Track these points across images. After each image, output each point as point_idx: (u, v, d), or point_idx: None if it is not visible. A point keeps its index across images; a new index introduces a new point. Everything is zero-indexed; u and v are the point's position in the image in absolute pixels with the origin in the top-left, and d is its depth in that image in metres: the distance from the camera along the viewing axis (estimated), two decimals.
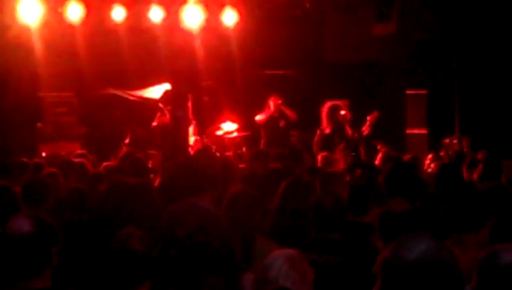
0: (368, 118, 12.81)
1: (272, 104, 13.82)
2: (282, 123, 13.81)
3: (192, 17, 13.61)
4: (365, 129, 12.62)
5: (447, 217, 4.63)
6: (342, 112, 12.91)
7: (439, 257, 2.53)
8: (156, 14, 13.67)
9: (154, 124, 13.96)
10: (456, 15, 13.51)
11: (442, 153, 12.15)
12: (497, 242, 3.41)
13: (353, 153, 12.27)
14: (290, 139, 14.03)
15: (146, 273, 3.51)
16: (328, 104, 13.14)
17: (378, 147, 11.23)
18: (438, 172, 7.44)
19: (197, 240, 2.92)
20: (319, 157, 10.61)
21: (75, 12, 13.11)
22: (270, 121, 13.79)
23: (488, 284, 2.82)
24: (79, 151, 10.70)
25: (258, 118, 13.81)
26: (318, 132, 12.94)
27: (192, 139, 13.80)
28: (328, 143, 12.69)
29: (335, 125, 12.86)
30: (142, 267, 3.51)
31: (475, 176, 7.69)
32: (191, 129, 13.92)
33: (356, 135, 12.26)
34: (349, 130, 12.85)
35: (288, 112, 13.77)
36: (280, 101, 13.80)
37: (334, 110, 13.00)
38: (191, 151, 13.13)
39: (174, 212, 3.03)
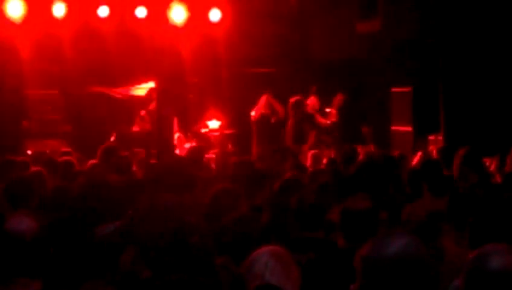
0: (334, 102, 13.13)
1: (262, 100, 14.02)
2: (273, 120, 13.94)
3: (178, 15, 13.63)
4: (332, 115, 12.89)
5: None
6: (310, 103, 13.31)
7: (416, 252, 2.57)
8: (141, 12, 13.68)
9: (136, 129, 14.04)
10: (441, 13, 13.54)
11: (430, 149, 12.20)
12: (477, 242, 3.43)
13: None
14: (281, 136, 14.12)
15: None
16: (292, 99, 13.57)
17: (359, 149, 11.27)
18: (421, 168, 7.49)
19: (169, 237, 2.95)
20: (309, 155, 10.67)
21: (60, 11, 13.11)
22: (262, 118, 13.94)
23: (476, 288, 2.78)
24: (64, 149, 10.68)
25: (252, 114, 14.10)
26: (289, 124, 13.36)
27: (175, 136, 13.82)
28: (298, 133, 13.01)
29: (302, 116, 13.17)
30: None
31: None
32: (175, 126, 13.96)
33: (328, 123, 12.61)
34: (320, 119, 13.15)
35: (278, 107, 13.94)
36: (270, 97, 14.05)
37: (298, 103, 13.36)
38: (176, 148, 13.17)
39: (145, 209, 3.06)
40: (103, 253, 3.62)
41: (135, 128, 14.18)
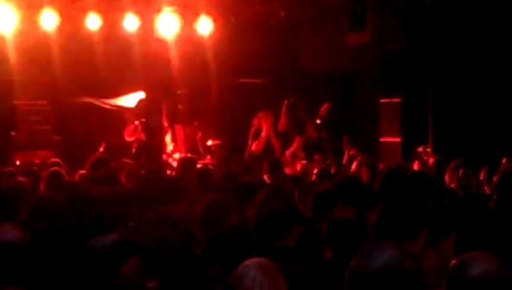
0: (320, 110, 13.10)
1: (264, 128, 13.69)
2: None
3: (167, 26, 13.64)
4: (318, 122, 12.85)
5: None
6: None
7: (402, 265, 2.55)
8: (131, 23, 13.67)
9: (130, 139, 14.02)
10: (430, 25, 13.59)
11: (416, 162, 12.20)
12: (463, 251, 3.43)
13: (327, 161, 12.35)
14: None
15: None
16: (286, 101, 13.43)
17: (352, 153, 11.29)
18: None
19: (176, 248, 2.95)
20: (298, 166, 10.66)
21: (49, 21, 13.09)
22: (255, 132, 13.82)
23: None
24: (53, 160, 10.66)
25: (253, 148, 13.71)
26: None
27: (170, 147, 13.83)
28: (283, 139, 12.97)
29: (294, 121, 13.08)
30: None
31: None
32: (168, 137, 13.94)
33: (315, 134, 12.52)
34: (311, 130, 13.06)
35: (275, 143, 13.61)
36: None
37: (293, 107, 13.25)
38: (167, 158, 13.16)
39: (150, 220, 3.05)
40: (104, 264, 3.61)
41: (129, 139, 14.16)
